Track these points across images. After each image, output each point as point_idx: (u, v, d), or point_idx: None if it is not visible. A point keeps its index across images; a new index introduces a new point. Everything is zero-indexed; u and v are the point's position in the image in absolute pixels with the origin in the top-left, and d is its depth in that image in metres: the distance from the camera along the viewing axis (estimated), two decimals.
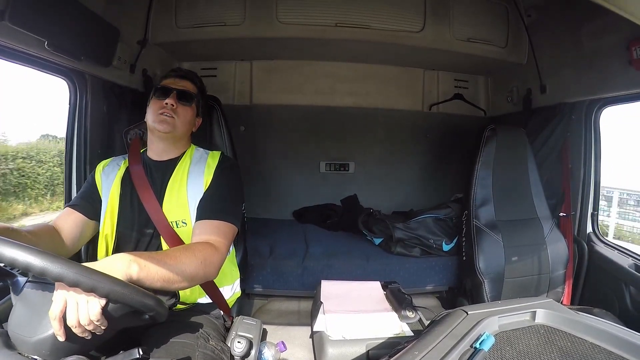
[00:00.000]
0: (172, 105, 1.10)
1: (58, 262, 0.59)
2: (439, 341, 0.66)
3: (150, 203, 1.05)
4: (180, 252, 0.86)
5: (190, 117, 1.16)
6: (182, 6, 1.91)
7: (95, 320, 0.64)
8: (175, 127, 1.11)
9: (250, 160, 2.53)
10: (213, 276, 0.95)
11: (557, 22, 1.80)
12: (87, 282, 0.60)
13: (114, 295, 0.64)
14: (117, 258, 0.73)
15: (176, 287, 0.82)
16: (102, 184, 1.13)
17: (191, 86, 1.17)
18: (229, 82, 2.57)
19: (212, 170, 1.11)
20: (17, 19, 1.00)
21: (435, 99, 2.69)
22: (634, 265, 1.62)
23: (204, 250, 0.90)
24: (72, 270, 0.59)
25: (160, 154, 1.15)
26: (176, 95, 1.12)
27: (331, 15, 1.89)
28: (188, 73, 1.20)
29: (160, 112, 1.09)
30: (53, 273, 0.58)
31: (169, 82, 1.15)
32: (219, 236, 0.98)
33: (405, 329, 1.25)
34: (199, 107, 1.21)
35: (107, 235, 1.08)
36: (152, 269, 0.75)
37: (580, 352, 0.65)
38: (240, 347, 1.00)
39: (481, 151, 1.82)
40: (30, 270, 0.58)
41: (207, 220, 1.01)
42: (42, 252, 0.59)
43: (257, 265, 1.93)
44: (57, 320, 0.63)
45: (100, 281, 0.62)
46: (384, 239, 2.18)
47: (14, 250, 0.58)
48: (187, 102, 1.14)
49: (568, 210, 1.92)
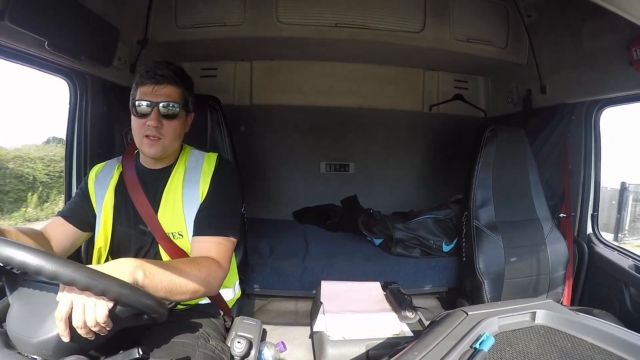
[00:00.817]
0: (156, 127, 0.97)
1: (69, 266, 0.59)
2: (438, 342, 0.66)
3: (145, 212, 1.03)
4: (185, 264, 0.85)
5: (179, 129, 1.03)
6: (182, 6, 1.91)
7: (102, 322, 0.64)
8: (165, 147, 1.00)
9: (250, 160, 2.53)
10: (216, 291, 0.94)
11: (557, 22, 1.80)
12: (99, 285, 0.61)
13: (124, 298, 0.64)
14: (124, 262, 0.72)
15: (177, 298, 0.82)
16: (95, 194, 1.09)
17: (174, 91, 0.99)
18: (229, 82, 2.57)
19: (208, 178, 1.04)
20: (17, 19, 1.00)
21: (435, 100, 2.69)
22: (634, 266, 1.62)
23: (209, 266, 0.90)
24: (84, 274, 0.60)
25: (153, 164, 1.08)
26: (157, 112, 0.97)
27: (331, 15, 1.89)
28: (166, 72, 0.98)
29: (145, 134, 0.98)
30: (65, 278, 0.59)
31: (146, 91, 0.97)
32: (220, 252, 0.97)
33: (405, 330, 1.26)
34: (189, 106, 1.06)
35: (101, 248, 1.06)
36: (157, 278, 0.75)
37: (580, 353, 0.65)
38: (240, 347, 1.00)
39: (481, 152, 1.82)
40: (41, 273, 0.58)
41: (208, 237, 0.98)
42: (52, 256, 0.59)
43: (257, 266, 1.93)
44: (63, 321, 0.63)
45: (111, 285, 0.62)
46: (384, 239, 2.18)
47: (22, 253, 0.58)
48: (172, 115, 0.99)
49: (568, 211, 1.92)
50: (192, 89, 1.08)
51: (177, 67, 1.03)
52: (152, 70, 0.98)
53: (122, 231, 1.05)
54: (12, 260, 0.58)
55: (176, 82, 1.00)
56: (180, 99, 1.01)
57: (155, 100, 0.97)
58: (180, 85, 1.01)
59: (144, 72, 0.99)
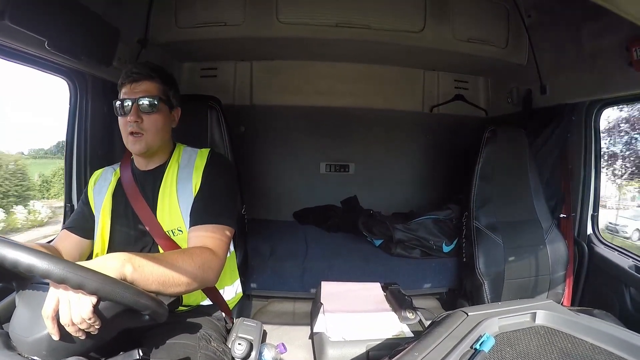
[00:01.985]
0: (136, 122, 1.00)
1: (45, 258, 0.58)
2: (439, 342, 0.66)
3: (144, 213, 1.03)
4: (177, 255, 0.84)
5: (161, 123, 1.04)
6: (183, 6, 1.91)
7: (87, 318, 0.62)
8: (148, 143, 1.02)
9: (250, 160, 2.53)
10: (212, 282, 0.92)
11: (557, 22, 1.80)
12: (74, 278, 0.59)
13: (104, 292, 0.62)
14: (111, 257, 0.71)
15: (172, 291, 0.79)
16: (94, 201, 1.11)
17: (151, 86, 1.03)
18: (229, 82, 2.57)
19: (200, 171, 1.05)
20: (17, 19, 1.00)
21: (435, 100, 2.69)
22: (634, 266, 1.62)
23: (202, 254, 0.88)
24: (59, 266, 0.59)
25: (145, 165, 1.10)
26: (137, 109, 1.00)
27: (331, 15, 1.89)
28: (142, 69, 1.03)
29: (129, 131, 1.01)
30: (40, 269, 0.58)
31: (125, 91, 1.02)
32: (215, 240, 0.95)
33: (405, 330, 1.26)
34: (171, 101, 1.08)
35: (98, 253, 1.06)
36: (147, 271, 0.73)
37: (581, 353, 0.65)
38: (241, 349, 1.00)
39: (481, 152, 1.82)
40: (17, 267, 0.57)
41: (202, 225, 0.97)
42: (30, 250, 0.58)
43: (257, 267, 1.93)
44: (49, 318, 0.62)
45: (87, 277, 0.61)
46: (384, 240, 2.18)
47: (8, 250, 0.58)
48: (151, 109, 1.02)
49: (568, 211, 1.92)
50: (172, 83, 1.10)
51: (154, 64, 1.08)
52: (129, 69, 1.04)
53: (121, 235, 1.05)
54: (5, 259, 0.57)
55: (152, 78, 1.04)
56: (159, 93, 1.04)
57: (134, 96, 1.01)
58: (157, 80, 1.05)
59: (123, 72, 1.04)
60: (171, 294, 0.81)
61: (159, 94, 1.04)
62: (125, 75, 1.03)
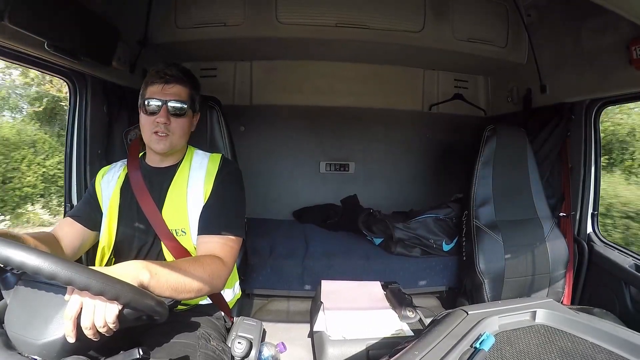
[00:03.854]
0: (164, 123, 1.02)
1: (84, 272, 0.61)
2: (439, 341, 0.66)
3: (150, 210, 1.04)
4: (189, 263, 0.87)
5: (187, 126, 1.08)
6: (182, 6, 1.91)
7: (111, 323, 0.65)
8: (172, 143, 1.05)
9: (250, 160, 2.53)
10: (220, 289, 0.95)
11: (557, 22, 1.80)
12: (112, 291, 0.63)
13: (134, 303, 0.66)
14: (130, 265, 0.74)
15: (183, 297, 0.83)
16: (102, 194, 1.11)
17: (182, 90, 1.05)
18: (229, 82, 2.57)
19: (212, 178, 1.07)
20: (17, 19, 1.00)
21: (435, 99, 2.69)
22: (634, 265, 1.62)
23: (213, 264, 0.91)
24: (99, 281, 0.61)
25: (158, 162, 1.11)
26: (166, 110, 1.02)
27: (331, 15, 1.89)
28: (175, 72, 1.05)
29: (154, 130, 1.02)
30: (80, 284, 0.60)
31: (155, 90, 1.03)
32: (225, 250, 0.98)
33: (405, 329, 1.25)
34: (195, 106, 1.11)
35: (105, 247, 1.07)
36: (162, 278, 0.76)
37: (581, 352, 0.65)
38: (241, 348, 1.01)
39: (481, 151, 1.82)
40: (56, 279, 0.59)
41: (212, 235, 1.00)
42: (64, 261, 0.60)
43: (257, 266, 1.93)
44: (72, 321, 0.64)
45: (123, 290, 0.64)
46: (384, 239, 2.18)
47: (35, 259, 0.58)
48: (180, 113, 1.04)
49: (568, 210, 1.92)
50: (198, 89, 1.13)
51: (185, 68, 1.09)
52: (161, 70, 1.04)
53: (125, 230, 1.06)
54: (25, 265, 0.58)
55: (184, 82, 1.06)
56: (188, 98, 1.07)
57: (165, 98, 1.03)
58: (187, 85, 1.07)
59: (154, 72, 1.05)
60: (180, 299, 0.84)
61: (187, 99, 1.06)
62: (158, 75, 1.03)
